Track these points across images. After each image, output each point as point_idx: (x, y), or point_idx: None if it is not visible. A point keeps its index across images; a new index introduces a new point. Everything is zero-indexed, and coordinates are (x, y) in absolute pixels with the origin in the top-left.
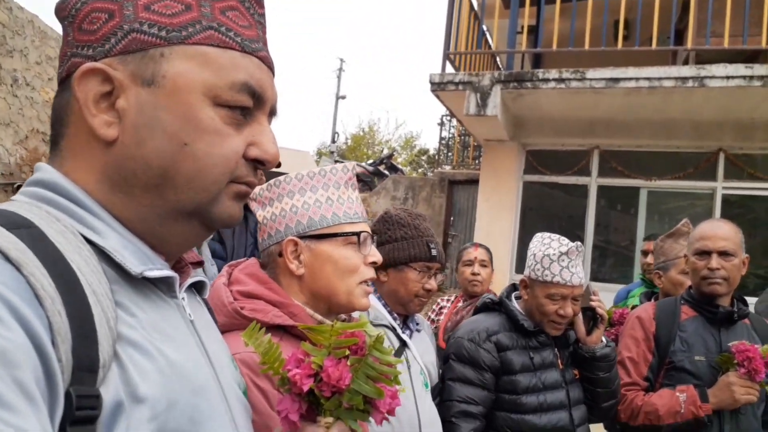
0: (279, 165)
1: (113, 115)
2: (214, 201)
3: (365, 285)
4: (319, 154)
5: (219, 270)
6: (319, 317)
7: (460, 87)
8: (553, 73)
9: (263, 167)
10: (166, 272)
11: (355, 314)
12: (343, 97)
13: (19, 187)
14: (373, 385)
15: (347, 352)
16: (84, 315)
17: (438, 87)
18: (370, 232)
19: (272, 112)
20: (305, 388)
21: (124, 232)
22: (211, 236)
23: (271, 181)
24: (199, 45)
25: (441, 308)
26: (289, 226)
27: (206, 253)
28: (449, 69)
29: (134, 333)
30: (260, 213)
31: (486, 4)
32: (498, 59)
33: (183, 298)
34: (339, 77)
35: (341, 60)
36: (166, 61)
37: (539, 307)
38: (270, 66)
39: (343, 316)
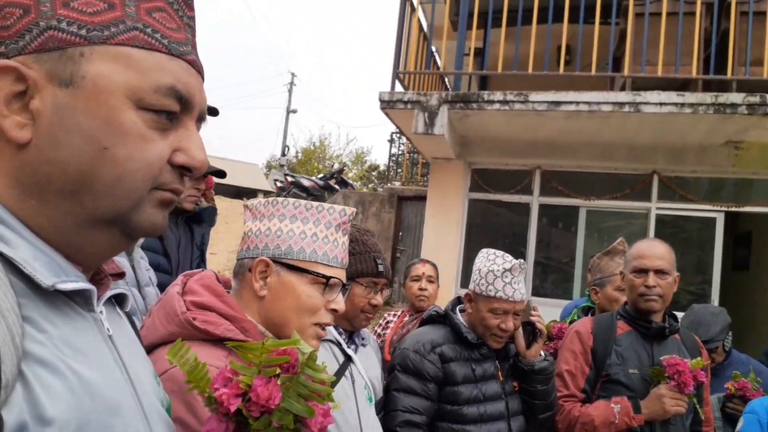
0: (224, 176)
1: (26, 116)
2: (136, 208)
3: (319, 328)
4: (269, 167)
5: (160, 283)
6: (270, 335)
7: (409, 106)
8: (498, 95)
9: (190, 174)
10: (81, 285)
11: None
12: (294, 111)
13: None
14: (305, 404)
15: (278, 371)
16: None
17: (387, 105)
18: (342, 280)
19: (201, 118)
20: (232, 408)
21: (35, 241)
22: (157, 250)
23: (271, 199)
24: (122, 46)
25: (387, 322)
26: (268, 246)
27: (138, 257)
28: (399, 87)
29: (43, 350)
30: (249, 224)
31: (435, 26)
32: (446, 80)
33: (101, 312)
34: (290, 91)
35: (293, 74)
36: (86, 62)
37: (482, 320)
38: (199, 70)
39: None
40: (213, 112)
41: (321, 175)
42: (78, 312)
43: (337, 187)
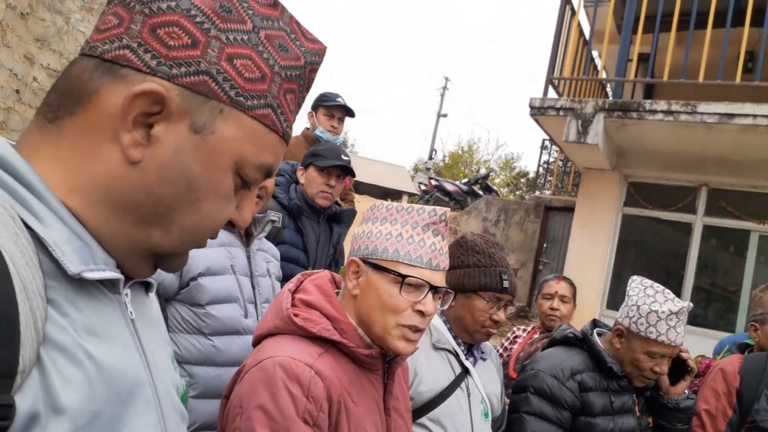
0: (353, 175)
1: (144, 135)
2: (184, 254)
3: (408, 330)
4: (416, 169)
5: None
6: (368, 340)
7: (561, 113)
8: (662, 105)
9: (230, 228)
10: (109, 274)
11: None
12: (445, 115)
13: None
14: None
15: None
16: (8, 314)
17: (538, 111)
18: (428, 281)
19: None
20: None
21: (72, 222)
22: (297, 245)
23: (376, 204)
24: (254, 119)
25: (516, 337)
26: (360, 248)
27: (254, 249)
28: (552, 93)
29: (63, 335)
30: (358, 228)
31: (596, 30)
32: (608, 87)
33: (126, 295)
34: (443, 95)
35: (446, 78)
36: (222, 119)
37: (634, 361)
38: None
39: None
40: (350, 113)
41: (466, 180)
42: (104, 293)
43: (480, 192)
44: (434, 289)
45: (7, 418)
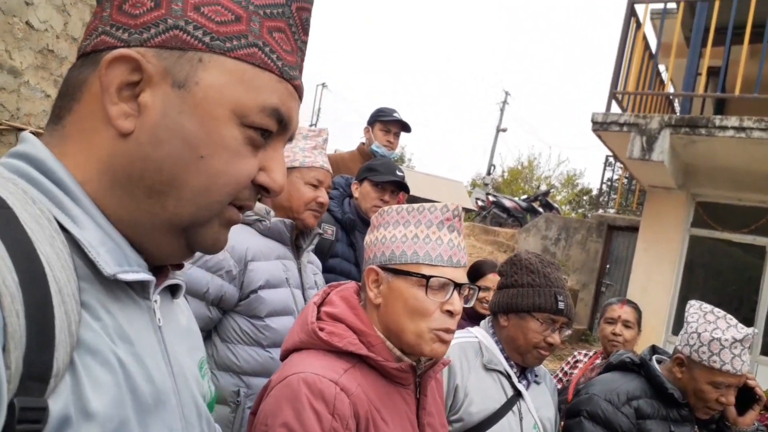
0: (408, 191)
1: (133, 107)
2: (208, 223)
3: (442, 333)
4: (473, 185)
5: None
6: (398, 353)
7: (625, 128)
8: (733, 121)
9: (267, 195)
10: (143, 275)
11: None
12: (504, 130)
13: None
14: None
15: None
16: (44, 317)
17: (601, 127)
18: (452, 279)
19: (289, 139)
20: None
21: (106, 225)
22: (349, 259)
23: (381, 209)
24: (239, 60)
25: (576, 362)
26: (376, 255)
27: (305, 262)
28: (615, 108)
29: (96, 339)
30: (367, 237)
31: (663, 43)
32: (676, 102)
33: (155, 301)
34: (502, 110)
35: (506, 93)
36: (203, 68)
37: (698, 392)
38: (301, 96)
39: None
40: (406, 128)
41: (525, 197)
42: (133, 299)
43: (540, 209)
44: (458, 286)
45: (40, 421)
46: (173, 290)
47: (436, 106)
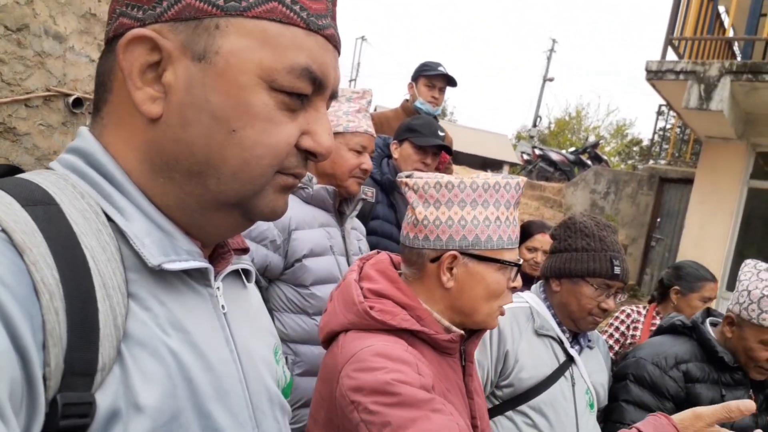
0: (451, 152)
1: (159, 89)
2: (259, 193)
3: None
4: (518, 137)
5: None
6: (446, 323)
7: (682, 77)
8: None
9: (315, 159)
10: (192, 263)
11: None
12: (551, 80)
13: None
14: None
15: None
16: (87, 312)
17: (655, 75)
18: (519, 258)
19: (332, 96)
20: None
21: (155, 214)
22: (390, 220)
23: (442, 181)
24: (259, 19)
25: (633, 321)
26: (453, 239)
27: (348, 228)
28: (671, 55)
29: (146, 330)
30: (420, 210)
31: None
32: (736, 46)
33: (218, 288)
34: (549, 58)
35: (553, 40)
36: (220, 35)
37: (747, 351)
38: (336, 45)
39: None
40: (451, 82)
41: (573, 149)
42: (191, 287)
43: (589, 162)
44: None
45: (87, 416)
46: (246, 275)
47: (479, 57)
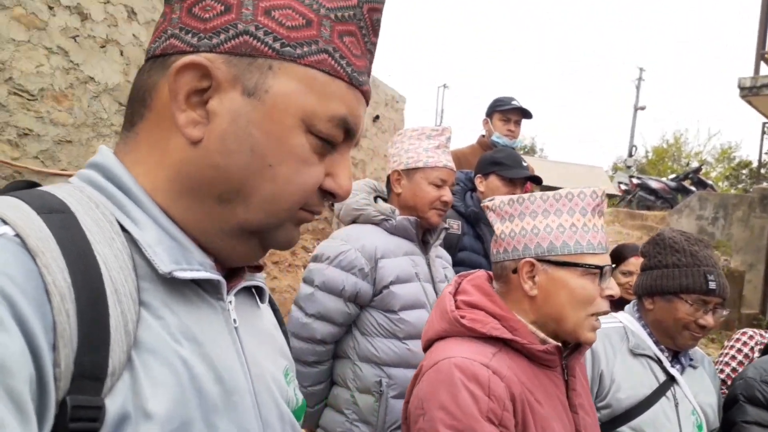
0: (540, 182)
1: (201, 114)
2: (281, 226)
3: (594, 319)
4: (615, 169)
5: None
6: (542, 335)
7: None
8: None
9: (333, 199)
10: (203, 274)
11: None
12: (642, 108)
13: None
14: None
15: None
16: (98, 316)
17: (749, 92)
18: (610, 263)
19: (355, 143)
20: None
21: (168, 225)
22: (477, 251)
23: (514, 197)
24: (310, 67)
25: (757, 344)
26: (528, 247)
27: (433, 256)
28: (764, 70)
29: (156, 338)
30: (498, 226)
31: None
32: None
33: (230, 302)
34: (638, 87)
35: (640, 69)
36: (273, 76)
37: None
38: (368, 101)
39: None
40: (526, 114)
41: (673, 176)
42: (203, 299)
43: (692, 188)
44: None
45: (97, 420)
46: (260, 295)
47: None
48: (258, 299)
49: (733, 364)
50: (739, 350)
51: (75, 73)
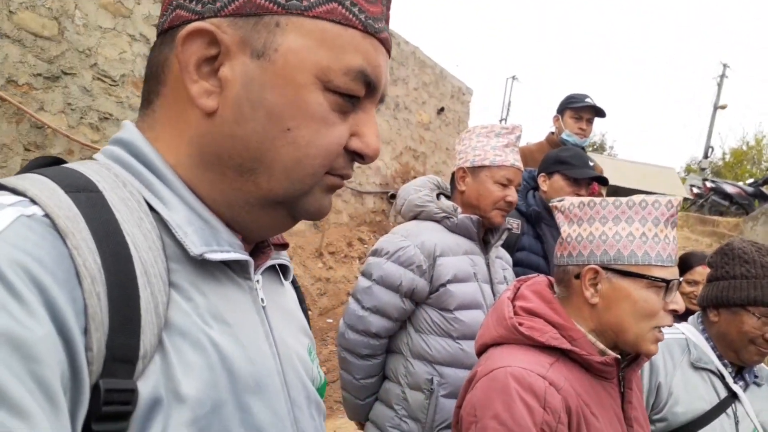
0: (607, 183)
1: (215, 83)
2: (308, 193)
3: (657, 331)
4: (688, 170)
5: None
6: (601, 346)
7: None
8: None
9: (361, 161)
10: (233, 255)
11: None
12: (723, 107)
13: (393, 195)
14: None
15: None
16: (128, 299)
17: None
18: (678, 277)
19: (381, 99)
20: None
21: (197, 205)
22: (537, 252)
23: (585, 200)
24: (319, 19)
25: None
26: (594, 253)
27: (493, 257)
28: None
29: (187, 320)
30: (565, 228)
31: None
32: None
33: (257, 281)
34: (719, 84)
35: (724, 65)
36: (281, 33)
37: None
38: (389, 48)
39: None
40: (600, 113)
41: (752, 180)
42: (232, 279)
43: None
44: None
45: (129, 403)
46: (284, 272)
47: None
48: (282, 277)
49: None
50: None
51: None
